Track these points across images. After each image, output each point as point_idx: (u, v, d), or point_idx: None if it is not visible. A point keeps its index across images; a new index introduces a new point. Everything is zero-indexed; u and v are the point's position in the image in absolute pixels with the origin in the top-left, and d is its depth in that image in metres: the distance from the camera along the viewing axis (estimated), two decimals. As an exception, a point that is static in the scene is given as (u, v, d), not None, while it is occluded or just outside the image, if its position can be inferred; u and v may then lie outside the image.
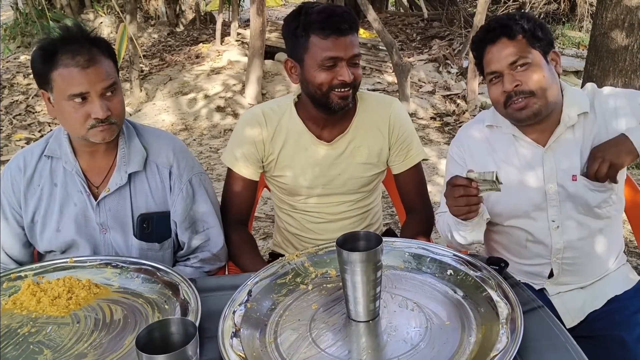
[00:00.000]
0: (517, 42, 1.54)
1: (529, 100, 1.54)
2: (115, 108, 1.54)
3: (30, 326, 1.29)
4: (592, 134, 1.60)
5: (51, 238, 1.65)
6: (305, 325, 1.25)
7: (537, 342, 1.14)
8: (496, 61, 1.55)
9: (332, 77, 1.69)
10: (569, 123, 1.60)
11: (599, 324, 1.64)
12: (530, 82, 1.53)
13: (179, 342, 1.04)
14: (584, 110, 1.60)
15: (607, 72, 3.45)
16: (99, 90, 1.50)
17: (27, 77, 7.56)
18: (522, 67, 1.53)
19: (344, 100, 1.72)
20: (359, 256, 1.19)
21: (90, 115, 1.50)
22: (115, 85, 1.55)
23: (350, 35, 1.68)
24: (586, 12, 10.08)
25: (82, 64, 1.48)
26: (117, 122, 1.56)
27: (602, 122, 1.60)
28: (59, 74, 1.49)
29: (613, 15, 3.35)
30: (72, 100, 1.50)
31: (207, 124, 6.23)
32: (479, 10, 5.94)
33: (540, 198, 1.63)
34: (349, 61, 1.69)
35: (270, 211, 4.02)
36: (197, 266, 1.71)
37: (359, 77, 1.74)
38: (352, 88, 1.72)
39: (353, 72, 1.70)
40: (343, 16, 1.67)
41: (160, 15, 10.10)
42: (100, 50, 1.53)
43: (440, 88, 6.87)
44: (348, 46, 1.67)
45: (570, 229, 1.64)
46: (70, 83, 1.48)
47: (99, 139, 1.55)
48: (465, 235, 1.58)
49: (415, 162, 1.92)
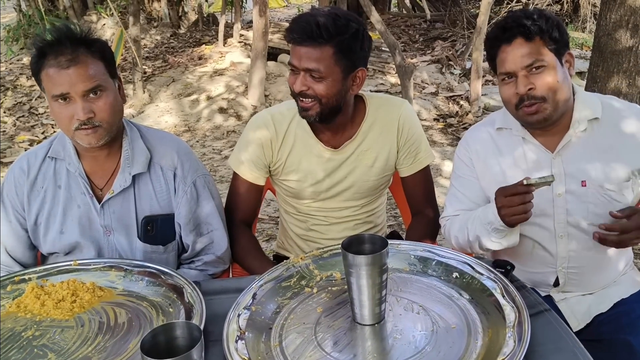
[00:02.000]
0: (534, 43, 1.49)
1: (540, 106, 1.51)
2: (100, 110, 1.51)
3: (34, 329, 1.29)
4: (603, 140, 1.57)
5: (55, 240, 1.65)
6: (311, 328, 1.24)
7: (544, 345, 1.13)
8: (511, 62, 1.52)
9: (292, 84, 1.68)
10: (579, 128, 1.57)
11: (606, 327, 1.63)
12: (544, 86, 1.50)
13: (184, 346, 1.04)
14: (595, 116, 1.57)
15: (611, 73, 3.43)
16: (80, 91, 1.48)
17: (30, 78, 7.57)
18: (537, 70, 1.50)
19: (304, 111, 1.69)
20: (364, 259, 1.18)
21: (74, 117, 1.50)
22: (101, 87, 1.51)
23: (305, 47, 1.62)
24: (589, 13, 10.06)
25: (62, 64, 1.47)
26: (102, 125, 1.52)
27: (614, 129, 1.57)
28: (45, 73, 1.49)
29: (617, 16, 3.33)
30: (57, 101, 1.50)
31: (210, 126, 6.22)
32: (482, 11, 5.93)
33: (547, 203, 1.61)
34: (307, 72, 1.64)
35: (273, 213, 4.01)
36: (201, 269, 1.70)
37: (321, 92, 1.65)
38: (314, 100, 1.66)
39: (309, 85, 1.65)
40: (299, 25, 1.63)
41: (162, 16, 10.10)
42: (90, 51, 1.52)
43: (443, 89, 6.86)
44: (302, 57, 1.62)
45: (576, 238, 1.62)
46: (53, 83, 1.48)
47: (85, 142, 1.53)
48: (501, 240, 1.55)
49: (424, 165, 1.90)
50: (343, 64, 1.65)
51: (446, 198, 1.81)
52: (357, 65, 1.69)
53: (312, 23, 1.60)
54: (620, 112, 1.60)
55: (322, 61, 1.62)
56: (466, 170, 1.74)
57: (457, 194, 1.75)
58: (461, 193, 1.74)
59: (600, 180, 1.57)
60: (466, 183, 1.74)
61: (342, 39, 1.62)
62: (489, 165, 1.69)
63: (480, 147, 1.72)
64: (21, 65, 8.32)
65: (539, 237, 1.66)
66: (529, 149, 1.64)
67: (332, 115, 1.72)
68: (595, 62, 3.52)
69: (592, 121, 1.58)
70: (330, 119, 1.73)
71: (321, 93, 1.65)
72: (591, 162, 1.58)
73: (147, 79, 7.36)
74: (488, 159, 1.70)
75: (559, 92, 1.51)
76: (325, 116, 1.70)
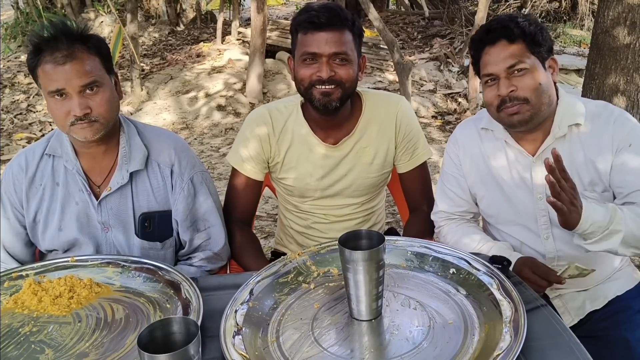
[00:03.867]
0: (517, 46, 1.50)
1: (522, 107, 1.51)
2: (97, 106, 1.51)
3: (32, 325, 1.29)
4: (585, 147, 1.56)
5: (53, 237, 1.65)
6: (308, 324, 1.24)
7: (541, 341, 1.13)
8: (494, 63, 1.53)
9: (311, 73, 1.68)
10: (558, 134, 1.57)
11: (602, 323, 1.63)
12: (526, 88, 1.50)
13: (181, 342, 1.04)
14: (576, 122, 1.57)
15: (608, 70, 3.43)
16: (76, 87, 1.48)
17: (27, 76, 7.56)
18: (519, 72, 1.50)
19: (326, 96, 1.69)
20: (361, 255, 1.18)
21: (70, 112, 1.50)
22: (97, 82, 1.51)
23: (329, 32, 1.64)
24: (587, 11, 10.07)
25: (58, 60, 1.47)
26: (99, 120, 1.53)
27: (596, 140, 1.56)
28: (42, 69, 1.49)
29: (615, 13, 3.33)
30: (53, 97, 1.50)
31: (208, 123, 6.22)
32: (480, 8, 5.94)
33: (530, 207, 1.63)
34: (331, 58, 1.66)
35: (271, 210, 4.02)
36: (198, 265, 1.70)
37: (346, 77, 1.68)
38: (337, 86, 1.68)
39: (335, 70, 1.66)
40: (321, 11, 1.64)
41: (161, 14, 10.10)
42: (86, 47, 1.52)
43: (441, 87, 6.87)
44: (328, 42, 1.64)
45: (562, 239, 1.62)
46: (49, 79, 1.48)
47: (81, 137, 1.53)
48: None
49: (422, 161, 1.91)
50: (358, 49, 1.72)
51: (436, 192, 1.83)
52: (361, 52, 1.76)
53: (329, 10, 1.65)
54: (603, 119, 1.57)
55: (347, 44, 1.68)
56: (454, 168, 1.75)
57: (447, 192, 1.77)
58: (450, 191, 1.76)
59: (580, 186, 1.56)
60: (454, 181, 1.76)
61: (358, 25, 1.70)
62: (475, 163, 1.70)
63: (467, 145, 1.73)
64: (19, 63, 8.31)
65: (524, 238, 1.67)
66: (511, 152, 1.64)
67: (345, 102, 1.75)
68: (593, 60, 3.51)
69: (573, 127, 1.57)
70: (342, 107, 1.74)
71: (345, 77, 1.69)
72: (572, 169, 1.55)
73: (145, 76, 7.35)
74: (475, 157, 1.71)
75: (540, 95, 1.51)
76: (343, 102, 1.73)
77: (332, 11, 1.65)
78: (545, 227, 1.63)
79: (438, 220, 1.80)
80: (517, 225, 1.67)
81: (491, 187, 1.68)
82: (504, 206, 1.66)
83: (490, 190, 1.69)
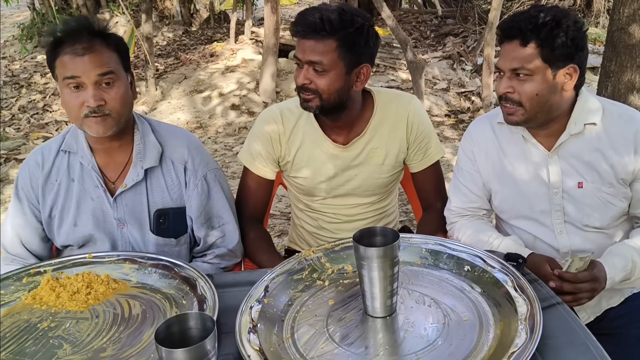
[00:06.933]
0: (528, 49, 1.47)
1: (517, 110, 1.52)
2: (111, 99, 1.53)
3: (50, 321, 1.30)
4: (601, 145, 1.56)
5: (69, 232, 1.67)
6: (322, 321, 1.25)
7: (556, 338, 1.13)
8: (503, 60, 1.53)
9: (296, 77, 1.68)
10: (573, 131, 1.56)
11: (619, 321, 1.62)
12: (523, 94, 1.49)
13: (197, 337, 1.05)
14: (591, 122, 1.56)
15: (624, 68, 3.39)
16: (93, 77, 1.50)
17: (44, 76, 7.64)
18: (521, 76, 1.49)
19: (305, 102, 1.69)
20: (376, 252, 1.19)
21: (84, 103, 1.51)
22: (113, 75, 1.53)
23: (309, 39, 1.61)
24: (602, 8, 9.97)
25: (78, 52, 1.49)
26: (112, 114, 1.53)
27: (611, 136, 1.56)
28: (60, 60, 1.51)
29: (630, 10, 3.29)
30: (69, 87, 1.51)
31: (222, 122, 6.24)
32: (493, 6, 5.89)
33: (545, 201, 1.62)
34: (310, 65, 1.64)
35: (285, 209, 4.02)
36: (213, 262, 1.72)
37: (322, 86, 1.64)
38: (314, 94, 1.66)
39: (311, 78, 1.64)
40: (305, 19, 1.62)
41: (174, 14, 10.15)
42: (106, 42, 1.54)
43: (454, 85, 6.83)
44: (306, 50, 1.62)
45: (576, 234, 1.62)
46: (66, 68, 1.50)
47: (94, 131, 1.54)
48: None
49: (434, 161, 1.90)
50: (347, 58, 1.64)
51: (450, 188, 1.82)
52: (361, 61, 1.68)
53: (316, 16, 1.60)
54: (621, 120, 1.57)
55: (325, 54, 1.61)
56: (468, 163, 1.75)
57: (461, 188, 1.77)
58: (465, 187, 1.76)
59: (596, 182, 1.56)
60: (468, 177, 1.75)
61: (346, 33, 1.61)
62: (490, 158, 1.70)
63: (482, 140, 1.72)
64: (35, 64, 8.39)
65: (539, 232, 1.66)
66: (528, 146, 1.63)
67: (335, 111, 1.72)
68: (609, 57, 3.48)
69: (590, 125, 1.57)
70: (334, 114, 1.73)
71: (322, 87, 1.64)
72: (588, 165, 1.57)
73: (159, 76, 7.39)
74: (489, 153, 1.70)
75: (537, 103, 1.50)
76: (328, 110, 1.70)
77: (312, 19, 1.60)
78: (559, 222, 1.62)
79: (450, 216, 1.80)
80: (531, 220, 1.66)
81: (506, 181, 1.67)
82: (518, 201, 1.66)
83: (505, 185, 1.68)
